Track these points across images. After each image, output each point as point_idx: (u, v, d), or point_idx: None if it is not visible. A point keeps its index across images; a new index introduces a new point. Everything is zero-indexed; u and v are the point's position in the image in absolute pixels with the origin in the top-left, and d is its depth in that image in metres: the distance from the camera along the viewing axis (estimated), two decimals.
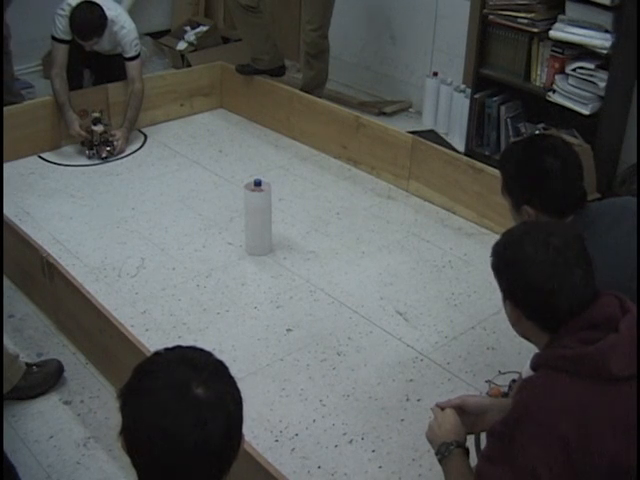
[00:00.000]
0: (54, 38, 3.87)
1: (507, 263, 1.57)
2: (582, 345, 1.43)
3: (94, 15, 3.78)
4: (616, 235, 1.89)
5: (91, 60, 4.12)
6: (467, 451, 1.62)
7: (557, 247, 1.51)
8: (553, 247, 1.50)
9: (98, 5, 3.79)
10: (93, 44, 3.87)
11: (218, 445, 1.15)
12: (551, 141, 2.01)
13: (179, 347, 1.26)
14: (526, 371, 2.02)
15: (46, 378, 2.46)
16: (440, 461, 1.61)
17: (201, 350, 1.25)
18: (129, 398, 1.18)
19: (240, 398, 1.22)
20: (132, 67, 4.05)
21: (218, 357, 1.25)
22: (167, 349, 1.25)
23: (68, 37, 3.86)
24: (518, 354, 2.59)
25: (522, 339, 1.65)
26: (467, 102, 4.05)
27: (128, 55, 4.00)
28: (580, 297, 1.49)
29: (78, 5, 3.76)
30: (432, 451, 1.65)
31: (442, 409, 1.70)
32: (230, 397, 1.19)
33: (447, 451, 1.59)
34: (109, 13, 3.84)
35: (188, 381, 1.16)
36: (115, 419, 2.36)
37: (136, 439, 1.16)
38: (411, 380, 2.55)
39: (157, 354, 1.24)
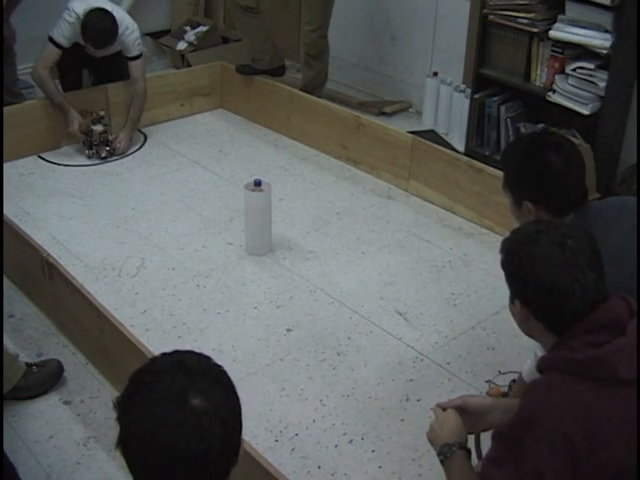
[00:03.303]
0: (52, 41, 3.83)
1: (520, 262, 1.54)
2: (589, 348, 1.42)
3: (108, 24, 3.78)
4: (616, 234, 1.89)
5: (90, 61, 4.11)
6: (469, 452, 1.61)
7: (573, 249, 1.49)
8: (569, 249, 1.49)
9: (109, 12, 3.79)
10: (106, 51, 3.87)
11: (216, 454, 1.15)
12: (554, 138, 2.01)
13: (177, 352, 1.24)
14: (526, 370, 2.02)
15: (46, 378, 2.46)
16: (442, 462, 1.60)
17: (199, 355, 1.24)
18: (125, 409, 1.17)
19: (238, 405, 1.21)
20: (135, 66, 4.04)
21: (218, 358, 1.24)
22: (164, 355, 1.24)
23: (67, 44, 3.84)
24: (518, 354, 2.58)
25: (522, 339, 1.65)
26: (467, 102, 4.05)
27: (131, 55, 3.98)
28: (592, 300, 1.47)
29: (90, 13, 3.74)
30: (432, 451, 1.65)
31: (443, 409, 1.69)
32: (228, 406, 1.18)
33: (449, 452, 1.58)
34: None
35: (184, 391, 1.15)
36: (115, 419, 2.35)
37: (133, 450, 1.16)
38: (411, 380, 2.55)
39: (153, 361, 1.23)
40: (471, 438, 1.75)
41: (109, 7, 3.86)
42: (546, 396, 1.43)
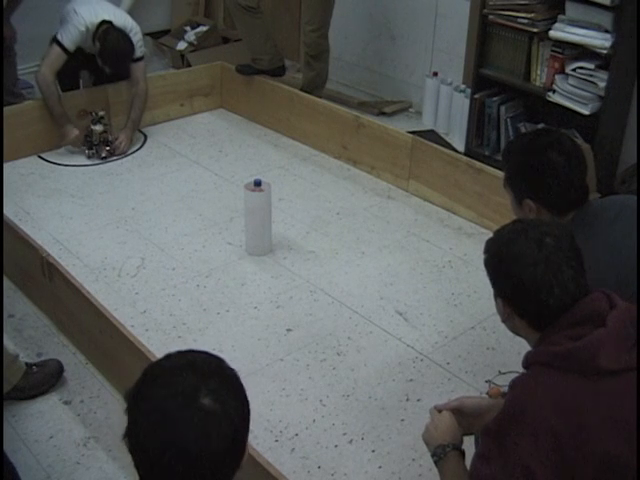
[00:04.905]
0: (61, 45, 3.82)
1: (500, 261, 1.58)
2: (571, 341, 1.45)
3: (126, 47, 3.83)
4: (616, 232, 1.89)
5: (89, 61, 4.11)
6: (463, 453, 1.62)
7: (550, 247, 1.52)
8: (546, 247, 1.52)
9: (124, 33, 3.83)
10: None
11: (221, 456, 1.14)
12: (556, 136, 2.01)
13: (192, 351, 1.25)
14: None
15: (46, 378, 2.46)
16: (436, 463, 1.62)
17: (212, 356, 1.24)
18: (135, 402, 1.17)
19: (248, 411, 1.21)
20: (136, 68, 4.05)
21: (227, 362, 1.25)
22: (180, 352, 1.24)
23: (73, 49, 3.85)
24: (518, 354, 2.58)
25: (522, 339, 1.66)
26: (467, 102, 4.05)
27: (133, 57, 3.99)
28: (571, 296, 1.50)
29: (107, 35, 3.76)
30: None
31: (439, 411, 1.70)
32: (237, 409, 1.18)
33: (443, 453, 1.60)
34: (117, 21, 3.84)
35: (195, 390, 1.15)
36: (115, 419, 2.36)
37: (139, 444, 1.15)
38: (411, 380, 2.55)
39: (167, 358, 1.23)
40: (471, 438, 1.75)
41: (112, 11, 3.88)
42: (529, 391, 1.45)
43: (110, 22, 3.82)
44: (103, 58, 3.83)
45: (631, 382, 1.42)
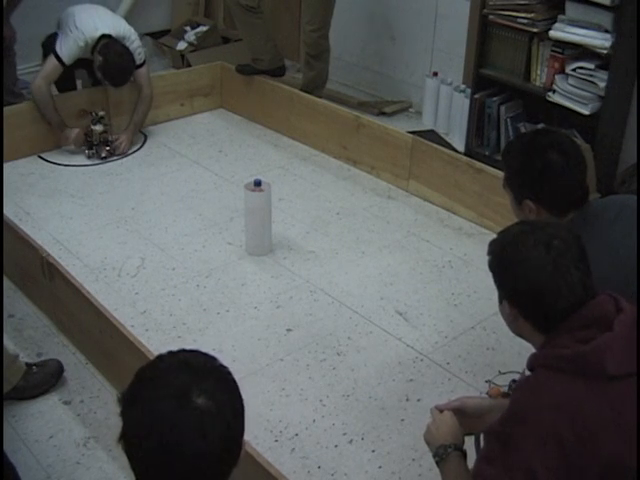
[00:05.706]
0: (58, 58, 3.80)
1: (507, 263, 1.56)
2: (577, 344, 1.44)
3: (127, 62, 3.84)
4: (616, 233, 1.89)
5: (88, 63, 4.10)
6: (465, 454, 1.62)
7: (558, 249, 1.51)
8: (555, 249, 1.51)
9: (125, 47, 3.83)
10: None
11: (216, 455, 1.15)
12: (555, 137, 2.00)
13: (183, 351, 1.24)
14: (528, 371, 2.02)
15: (46, 378, 2.46)
16: (437, 463, 1.62)
17: (205, 355, 1.24)
18: (129, 405, 1.17)
19: (242, 407, 1.21)
20: (139, 74, 4.05)
21: (219, 359, 1.24)
22: (171, 353, 1.24)
23: (70, 63, 3.84)
24: (518, 354, 2.59)
25: (522, 339, 1.66)
26: (467, 102, 4.05)
27: (135, 64, 3.98)
28: (578, 299, 1.49)
29: (108, 51, 3.76)
30: None
31: (441, 411, 1.70)
32: (231, 407, 1.18)
33: (445, 453, 1.60)
34: (116, 32, 3.83)
35: (189, 390, 1.15)
36: (115, 419, 2.36)
37: (134, 446, 1.15)
38: (411, 380, 2.55)
39: (160, 358, 1.23)
40: (471, 439, 1.75)
41: (110, 21, 3.88)
42: (535, 393, 1.44)
43: (110, 35, 3.82)
44: (104, 73, 3.83)
45: (636, 387, 1.42)
